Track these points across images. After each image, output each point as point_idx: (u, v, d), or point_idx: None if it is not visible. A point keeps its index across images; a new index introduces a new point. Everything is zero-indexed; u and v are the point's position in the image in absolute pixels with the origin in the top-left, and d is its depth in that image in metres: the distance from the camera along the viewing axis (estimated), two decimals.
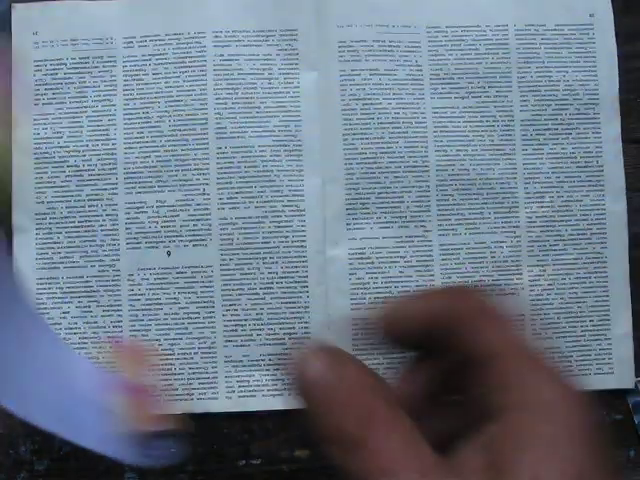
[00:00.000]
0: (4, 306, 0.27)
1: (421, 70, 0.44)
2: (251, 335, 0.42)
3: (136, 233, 0.42)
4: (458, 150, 0.43)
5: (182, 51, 0.43)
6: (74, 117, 0.43)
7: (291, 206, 0.43)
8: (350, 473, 0.15)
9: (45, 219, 0.42)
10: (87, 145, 0.43)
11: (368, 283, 0.42)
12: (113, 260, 0.42)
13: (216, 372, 0.42)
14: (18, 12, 0.44)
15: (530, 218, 0.43)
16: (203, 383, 0.42)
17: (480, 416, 0.16)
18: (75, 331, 0.42)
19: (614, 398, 0.43)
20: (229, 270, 0.42)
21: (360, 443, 0.15)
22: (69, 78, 0.43)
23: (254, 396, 0.42)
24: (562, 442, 0.15)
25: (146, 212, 0.42)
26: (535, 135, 0.44)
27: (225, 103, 0.43)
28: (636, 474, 0.43)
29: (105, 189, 0.43)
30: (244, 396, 0.42)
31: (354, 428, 0.15)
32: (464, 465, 0.15)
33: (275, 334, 0.42)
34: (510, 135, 0.44)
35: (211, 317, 0.42)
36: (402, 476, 0.14)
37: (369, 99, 0.43)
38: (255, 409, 0.42)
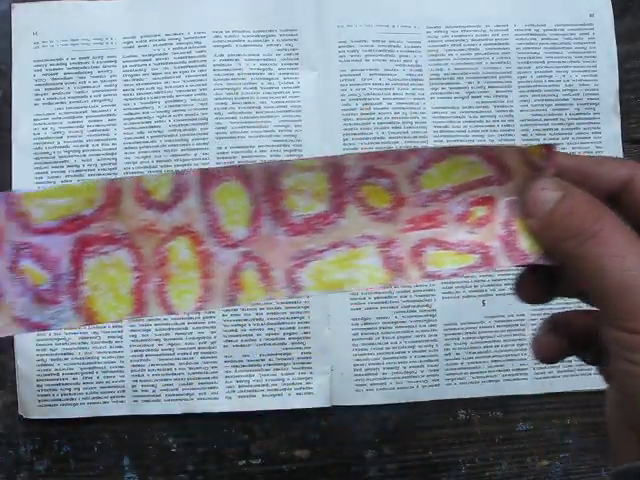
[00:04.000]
0: None
1: (421, 70, 0.44)
2: (251, 335, 0.42)
3: None
4: None
5: (182, 51, 0.43)
6: (74, 117, 0.43)
7: None
8: (585, 259, 0.21)
9: None
10: (87, 145, 0.43)
11: None
12: None
13: (216, 372, 0.42)
14: (18, 12, 0.44)
15: None
16: (203, 383, 0.42)
17: None
18: (75, 331, 0.42)
19: None
20: None
21: (596, 234, 0.20)
22: (69, 78, 0.43)
23: (254, 396, 0.42)
24: None
25: None
26: (535, 135, 0.44)
27: (225, 103, 0.43)
28: None
29: None
30: (244, 396, 0.42)
31: (590, 224, 0.21)
32: None
33: (275, 334, 0.42)
34: (510, 135, 0.44)
35: (211, 317, 0.42)
36: (628, 259, 0.20)
37: (369, 99, 0.43)
38: (255, 409, 0.42)
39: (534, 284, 0.25)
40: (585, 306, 0.25)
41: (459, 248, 0.23)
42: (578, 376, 0.43)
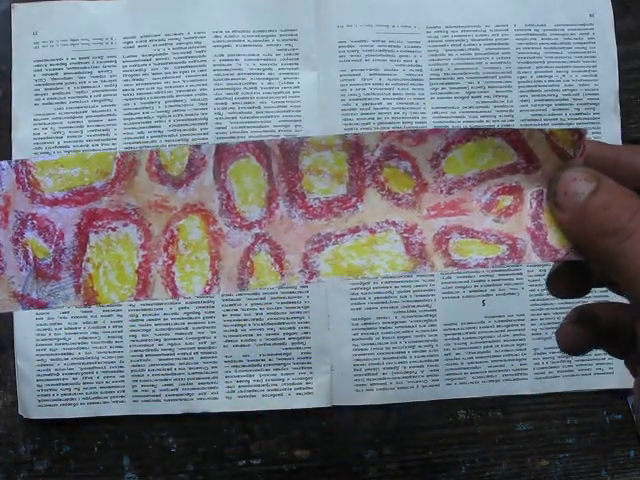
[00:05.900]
0: None
1: (421, 70, 0.44)
2: (251, 335, 0.42)
3: None
4: None
5: (182, 51, 0.43)
6: (74, 117, 0.43)
7: None
8: (622, 257, 0.19)
9: None
10: (87, 145, 0.43)
11: (368, 283, 0.42)
12: None
13: (216, 372, 0.42)
14: (18, 12, 0.44)
15: None
16: (203, 383, 0.42)
17: None
18: (75, 331, 0.42)
19: (614, 398, 0.43)
20: None
21: (633, 232, 0.19)
22: (69, 78, 0.43)
23: (254, 396, 0.42)
24: None
25: None
26: None
27: (225, 103, 0.43)
28: (636, 474, 0.43)
29: None
30: (244, 396, 0.42)
31: (627, 221, 0.19)
32: None
33: (275, 334, 0.42)
34: None
35: (211, 317, 0.42)
36: None
37: (369, 99, 0.43)
38: (255, 409, 0.42)
39: (567, 278, 0.24)
40: (613, 297, 0.24)
41: (485, 237, 0.22)
42: (578, 376, 0.43)
